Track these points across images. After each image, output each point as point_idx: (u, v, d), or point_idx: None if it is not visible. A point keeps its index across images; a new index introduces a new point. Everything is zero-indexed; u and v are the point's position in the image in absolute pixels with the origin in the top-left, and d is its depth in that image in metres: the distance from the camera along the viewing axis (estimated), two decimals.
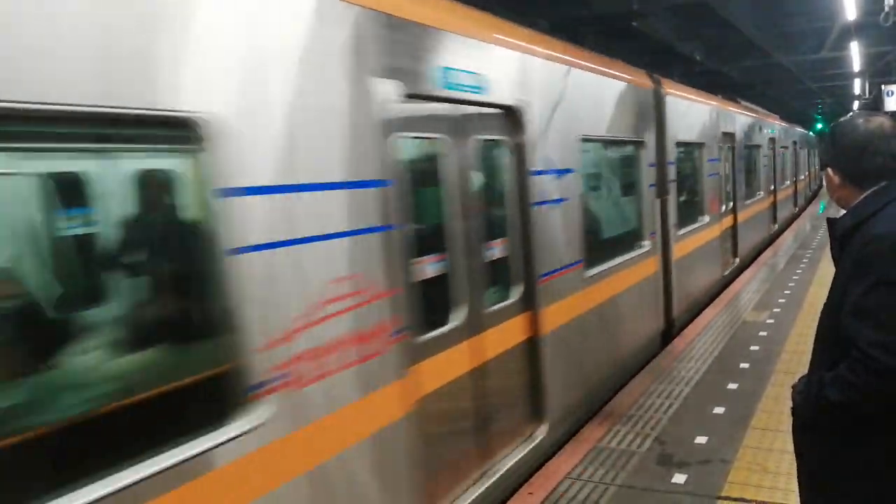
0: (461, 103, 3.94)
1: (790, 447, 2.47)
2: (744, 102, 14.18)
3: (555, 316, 4.82)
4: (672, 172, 7.76)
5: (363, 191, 3.06)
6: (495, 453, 4.21)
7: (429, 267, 3.69)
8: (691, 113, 8.80)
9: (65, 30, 1.96)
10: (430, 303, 3.58)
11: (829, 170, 2.37)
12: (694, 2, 11.85)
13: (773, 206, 15.86)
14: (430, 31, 3.69)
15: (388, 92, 3.22)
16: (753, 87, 22.88)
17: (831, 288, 2.30)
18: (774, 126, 16.68)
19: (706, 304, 9.07)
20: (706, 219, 9.30)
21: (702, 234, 9.09)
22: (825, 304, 2.34)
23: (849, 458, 2.17)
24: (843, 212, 2.35)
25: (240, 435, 2.38)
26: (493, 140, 4.39)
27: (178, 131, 2.31)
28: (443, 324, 3.77)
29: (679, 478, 4.36)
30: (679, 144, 8.09)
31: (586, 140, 5.57)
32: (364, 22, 3.14)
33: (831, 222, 2.36)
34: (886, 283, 2.02)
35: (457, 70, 3.81)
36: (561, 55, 5.33)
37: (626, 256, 6.48)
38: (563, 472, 4.53)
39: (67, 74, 1.97)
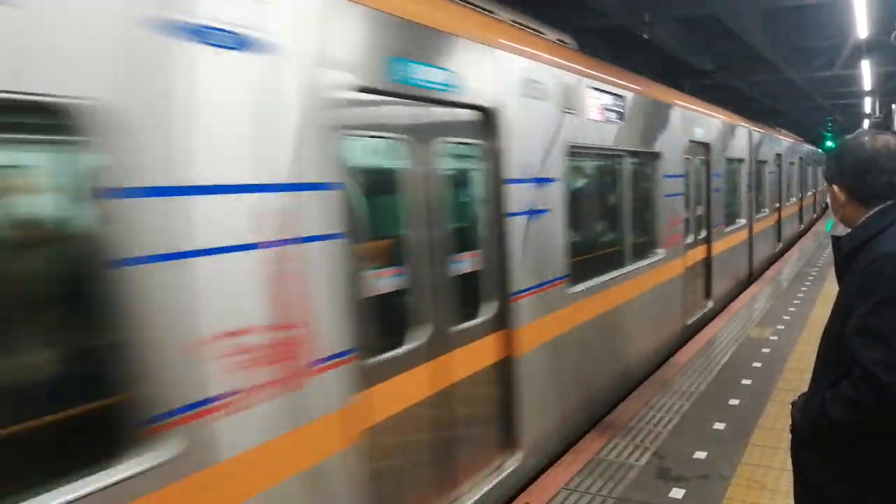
0: (696, 143, 8.61)
1: (790, 465, 2.45)
2: (783, 131, 19.00)
3: (717, 247, 9.58)
4: (753, 179, 12.49)
5: (681, 179, 7.85)
6: (696, 307, 8.68)
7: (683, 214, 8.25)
8: (762, 140, 13.60)
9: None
10: (686, 230, 8.29)
11: (835, 187, 2.35)
12: (705, 14, 11.84)
13: (801, 209, 20.72)
14: (696, 114, 8.68)
15: (686, 140, 8.00)
16: (763, 101, 22.82)
17: (835, 306, 2.28)
18: (803, 147, 22.08)
19: (763, 271, 13.32)
20: (766, 211, 14.15)
21: (765, 221, 14.01)
22: (828, 322, 2.32)
23: (851, 478, 2.15)
24: (848, 229, 2.33)
25: (662, 258, 7.22)
26: (703, 159, 9.09)
27: (654, 156, 7.11)
28: (687, 239, 8.32)
29: (677, 493, 4.33)
30: (757, 162, 12.87)
31: (727, 159, 10.35)
32: (683, 113, 7.95)
33: (836, 240, 2.34)
34: (891, 301, 2.00)
35: (697, 128, 8.57)
36: (721, 115, 10.23)
37: (736, 225, 11.16)
38: (561, 482, 4.50)
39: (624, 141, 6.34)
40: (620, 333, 6.21)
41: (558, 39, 5.72)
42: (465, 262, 3.94)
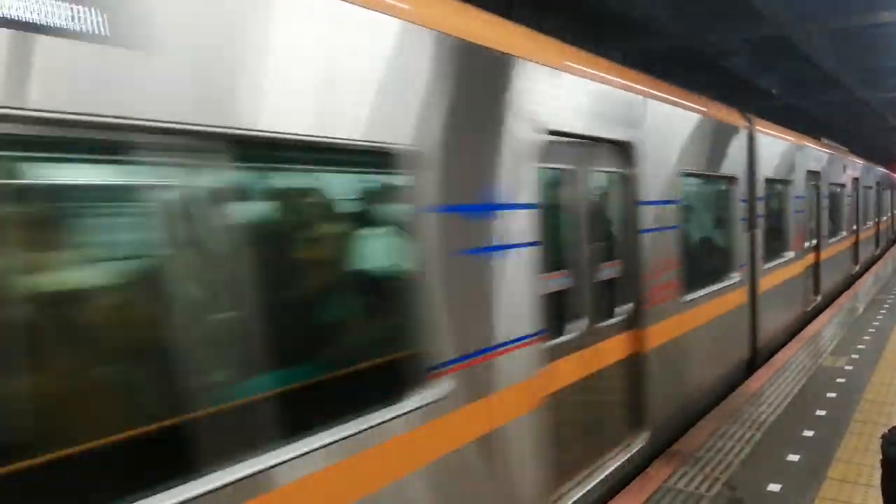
0: (834, 185, 13.24)
1: (870, 501, 2.37)
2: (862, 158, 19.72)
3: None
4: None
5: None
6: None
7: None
8: (842, 165, 14.78)
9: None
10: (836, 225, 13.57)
11: None
12: (773, 36, 11.64)
13: (878, 232, 21.03)
14: (835, 156, 13.52)
15: (819, 179, 11.89)
16: (833, 122, 22.19)
17: None
18: (880, 173, 22.58)
19: (856, 278, 15.45)
20: (843, 234, 14.56)
21: (844, 242, 14.65)
22: None
23: None
24: None
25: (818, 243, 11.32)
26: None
27: (814, 177, 11.27)
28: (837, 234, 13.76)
29: None
30: (832, 184, 14.09)
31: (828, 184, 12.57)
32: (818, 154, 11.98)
33: None
34: None
35: (830, 174, 12.26)
36: (845, 154, 14.14)
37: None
38: None
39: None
40: None
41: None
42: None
